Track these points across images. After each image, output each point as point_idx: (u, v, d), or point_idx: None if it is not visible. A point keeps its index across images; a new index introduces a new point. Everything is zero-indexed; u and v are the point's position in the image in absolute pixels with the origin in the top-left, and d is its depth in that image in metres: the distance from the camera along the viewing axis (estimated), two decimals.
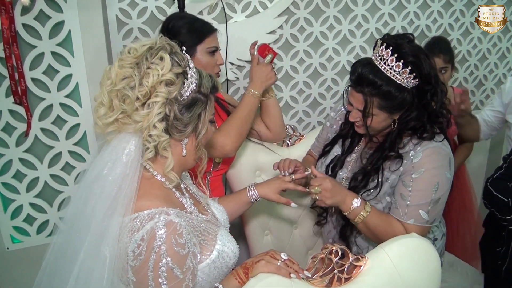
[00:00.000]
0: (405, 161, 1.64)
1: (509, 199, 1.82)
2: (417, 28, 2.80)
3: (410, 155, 1.64)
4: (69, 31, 1.94)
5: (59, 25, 1.93)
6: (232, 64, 2.44)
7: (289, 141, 2.36)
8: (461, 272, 2.29)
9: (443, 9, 2.80)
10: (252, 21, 2.43)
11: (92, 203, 1.18)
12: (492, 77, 3.10)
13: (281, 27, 2.49)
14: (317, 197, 1.61)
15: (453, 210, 2.91)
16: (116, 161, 1.20)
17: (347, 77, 2.57)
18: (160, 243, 1.13)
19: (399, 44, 1.55)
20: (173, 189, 1.33)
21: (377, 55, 1.57)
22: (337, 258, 1.34)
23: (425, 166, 1.60)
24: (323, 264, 1.36)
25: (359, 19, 2.63)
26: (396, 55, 1.52)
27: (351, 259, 1.35)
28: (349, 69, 2.47)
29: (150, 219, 1.15)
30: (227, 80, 2.44)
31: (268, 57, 1.94)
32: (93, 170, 1.22)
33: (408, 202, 1.61)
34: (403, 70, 1.53)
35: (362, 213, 1.61)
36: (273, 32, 2.48)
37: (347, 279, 1.34)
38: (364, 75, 1.57)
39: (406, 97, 1.58)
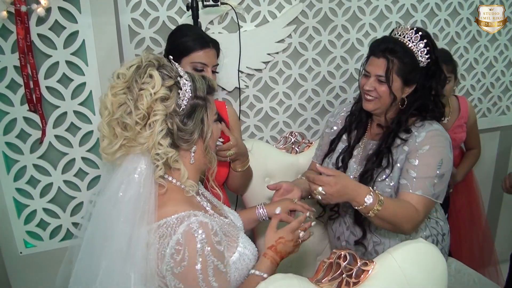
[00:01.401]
0: (410, 141, 1.77)
1: None
2: None
3: (414, 135, 1.77)
4: (83, 40, 1.99)
5: (74, 35, 1.98)
6: (241, 72, 2.47)
7: (297, 148, 2.39)
8: (468, 279, 2.30)
9: (450, 17, 2.82)
10: (261, 30, 2.46)
11: (110, 225, 1.21)
12: (499, 85, 3.11)
13: (290, 36, 2.52)
14: (319, 197, 1.60)
15: (461, 216, 2.92)
16: (130, 181, 1.22)
17: (356, 84, 2.62)
18: (202, 245, 1.16)
19: (418, 28, 1.82)
20: (194, 194, 1.36)
21: (398, 33, 1.83)
22: (346, 262, 1.37)
23: (429, 143, 1.74)
24: (332, 269, 1.38)
25: (367, 28, 2.66)
26: (418, 32, 1.78)
27: (359, 263, 1.38)
28: (357, 77, 2.51)
29: (181, 223, 1.18)
30: (239, 88, 2.46)
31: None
32: (107, 192, 1.25)
33: (415, 175, 1.71)
34: (420, 42, 1.77)
35: (375, 207, 1.60)
36: (282, 41, 2.51)
37: (355, 283, 1.37)
38: (388, 43, 1.80)
39: (417, 70, 1.79)
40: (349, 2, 2.58)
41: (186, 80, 1.26)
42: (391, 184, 1.79)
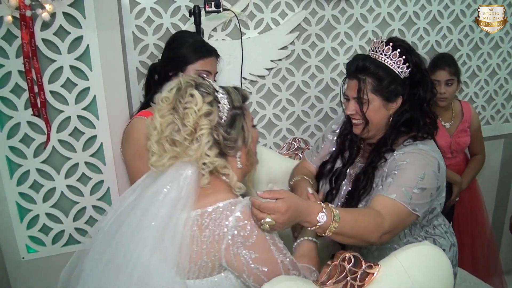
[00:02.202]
0: (389, 160, 1.68)
1: None
2: (427, 44, 2.83)
3: (394, 154, 1.67)
4: (88, 45, 2.00)
5: (78, 40, 2.00)
6: (245, 79, 2.48)
7: (301, 154, 2.39)
8: None
9: (453, 25, 2.83)
10: (264, 37, 2.47)
11: (147, 223, 1.28)
12: (503, 92, 3.11)
13: (292, 43, 2.53)
14: (267, 227, 1.27)
15: (465, 225, 2.90)
16: (174, 185, 1.31)
17: None
18: None
19: (391, 38, 1.72)
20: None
21: (371, 49, 1.73)
22: (350, 265, 1.36)
23: (408, 158, 1.62)
24: (336, 271, 1.37)
25: (370, 35, 2.67)
26: (390, 44, 1.67)
27: (363, 266, 1.36)
28: None
29: (235, 205, 1.28)
30: None
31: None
32: (150, 190, 1.33)
33: (391, 180, 1.59)
34: (393, 53, 1.65)
35: (332, 225, 1.39)
36: (285, 48, 2.52)
37: (360, 286, 1.35)
38: (358, 63, 1.70)
39: (398, 82, 1.67)
40: (351, 10, 2.59)
41: (222, 94, 1.36)
42: None
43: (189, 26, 2.27)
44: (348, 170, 1.87)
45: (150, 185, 1.37)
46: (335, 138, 1.96)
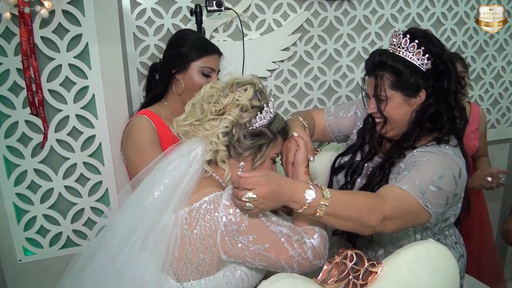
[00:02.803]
0: (408, 157, 1.59)
1: None
2: None
3: (414, 151, 1.59)
4: (87, 44, 1.98)
5: (77, 38, 1.97)
6: None
7: None
8: None
9: (456, 27, 2.81)
10: (266, 39, 2.45)
11: (156, 192, 1.31)
12: (508, 95, 3.07)
13: (295, 44, 2.51)
14: (251, 206, 1.20)
15: (469, 231, 2.85)
16: (183, 158, 1.35)
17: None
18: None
19: (409, 29, 1.60)
20: None
21: (390, 43, 1.63)
22: (352, 263, 1.32)
23: (428, 156, 1.52)
24: (338, 269, 1.33)
25: (373, 37, 2.65)
26: (407, 35, 1.56)
27: (366, 264, 1.32)
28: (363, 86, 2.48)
29: (221, 195, 1.27)
30: None
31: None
32: (163, 163, 1.37)
33: (406, 173, 1.50)
34: (411, 44, 1.54)
35: (322, 202, 1.26)
36: (287, 49, 2.50)
37: (362, 286, 1.31)
38: (374, 59, 1.61)
39: (419, 75, 1.56)
40: (354, 11, 2.57)
41: (270, 112, 1.38)
42: None
43: (190, 27, 2.26)
44: (366, 164, 1.78)
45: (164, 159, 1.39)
46: (358, 129, 1.86)
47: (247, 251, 1.25)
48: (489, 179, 2.44)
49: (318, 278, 1.31)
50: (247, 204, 1.19)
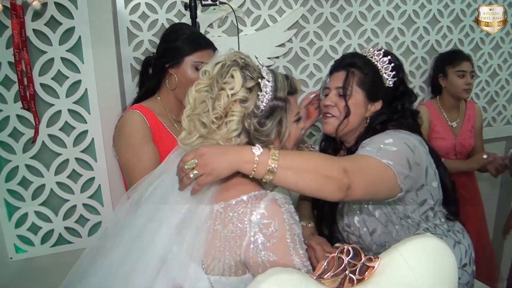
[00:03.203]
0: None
1: None
2: (427, 44, 2.81)
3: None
4: (79, 37, 1.95)
5: (70, 31, 1.95)
6: None
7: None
8: None
9: (453, 24, 2.82)
10: (261, 34, 2.44)
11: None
12: (504, 93, 3.07)
13: (290, 40, 2.49)
14: (196, 172, 1.16)
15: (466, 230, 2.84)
16: None
17: None
18: (287, 216, 1.19)
19: (383, 50, 1.73)
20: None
21: (362, 52, 1.75)
22: (349, 257, 1.29)
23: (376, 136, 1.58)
24: (334, 264, 1.30)
25: (369, 33, 2.64)
26: (381, 50, 1.70)
27: (363, 259, 1.30)
28: None
29: (261, 199, 1.19)
30: None
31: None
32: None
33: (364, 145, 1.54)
34: (383, 59, 1.68)
35: (271, 154, 1.20)
36: (282, 45, 2.49)
37: (359, 280, 1.29)
38: (346, 59, 1.72)
39: (381, 85, 1.68)
40: (350, 8, 2.56)
41: (268, 82, 1.25)
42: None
43: (185, 22, 2.22)
44: None
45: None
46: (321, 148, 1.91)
47: (261, 269, 1.18)
48: (485, 156, 2.46)
49: (314, 272, 1.29)
50: (192, 173, 1.16)
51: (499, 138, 3.16)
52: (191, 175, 1.16)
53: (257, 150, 1.20)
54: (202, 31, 2.23)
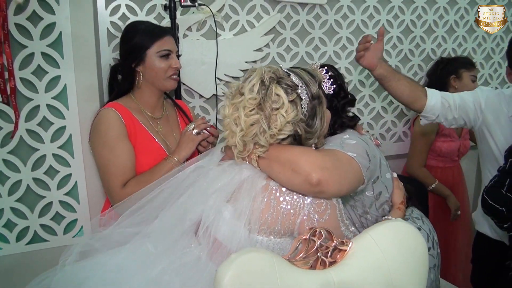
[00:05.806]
0: None
1: (503, 209, 1.81)
2: (423, 52, 2.97)
3: None
4: (60, 33, 1.98)
5: (51, 26, 1.97)
6: (220, 80, 2.48)
7: None
8: None
9: (447, 34, 2.98)
10: (239, 39, 2.49)
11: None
12: None
13: (268, 45, 2.56)
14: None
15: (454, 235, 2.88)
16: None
17: None
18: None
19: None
20: None
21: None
22: (321, 240, 1.32)
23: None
24: (306, 246, 1.33)
25: (344, 41, 2.72)
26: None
27: (335, 242, 1.33)
28: None
29: None
30: (216, 96, 2.47)
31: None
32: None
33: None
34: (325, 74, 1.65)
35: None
36: (260, 50, 2.54)
37: (331, 263, 1.31)
38: None
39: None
40: (326, 16, 2.64)
41: (302, 86, 1.29)
42: None
43: (165, 25, 2.25)
44: None
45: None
46: None
47: None
48: None
49: (287, 254, 1.32)
50: None
51: None
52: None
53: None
54: (181, 33, 2.28)
